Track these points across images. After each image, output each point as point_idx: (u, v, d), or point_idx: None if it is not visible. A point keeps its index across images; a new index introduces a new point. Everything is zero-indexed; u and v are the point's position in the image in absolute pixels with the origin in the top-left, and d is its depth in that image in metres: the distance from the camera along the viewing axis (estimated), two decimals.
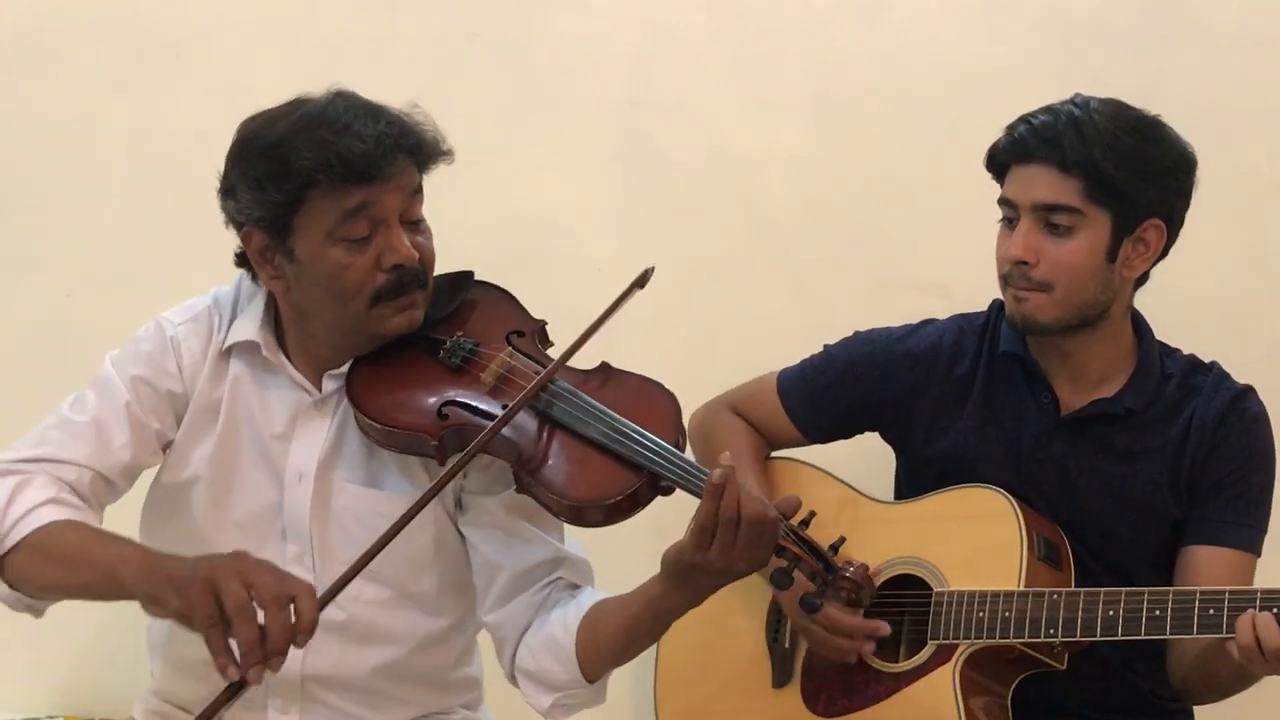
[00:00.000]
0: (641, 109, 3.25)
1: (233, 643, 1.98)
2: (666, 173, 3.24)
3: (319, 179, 2.20)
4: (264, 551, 2.28)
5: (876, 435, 2.79)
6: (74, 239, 3.12)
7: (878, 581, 2.58)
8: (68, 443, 2.32)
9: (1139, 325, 2.64)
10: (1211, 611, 2.32)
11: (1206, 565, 2.53)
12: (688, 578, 2.16)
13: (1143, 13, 3.20)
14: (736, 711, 2.69)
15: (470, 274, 2.44)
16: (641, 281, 2.30)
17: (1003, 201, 2.55)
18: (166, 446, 2.39)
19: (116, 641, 2.93)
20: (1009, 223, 2.54)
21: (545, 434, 2.24)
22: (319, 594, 2.04)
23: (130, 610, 2.61)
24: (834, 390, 2.74)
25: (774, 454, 2.82)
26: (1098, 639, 2.41)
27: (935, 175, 3.19)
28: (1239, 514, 2.55)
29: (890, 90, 3.24)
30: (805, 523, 2.19)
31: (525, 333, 2.36)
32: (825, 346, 2.79)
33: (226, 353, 2.38)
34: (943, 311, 2.82)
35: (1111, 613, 2.39)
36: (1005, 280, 2.55)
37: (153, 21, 3.19)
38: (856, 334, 2.77)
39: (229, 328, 2.39)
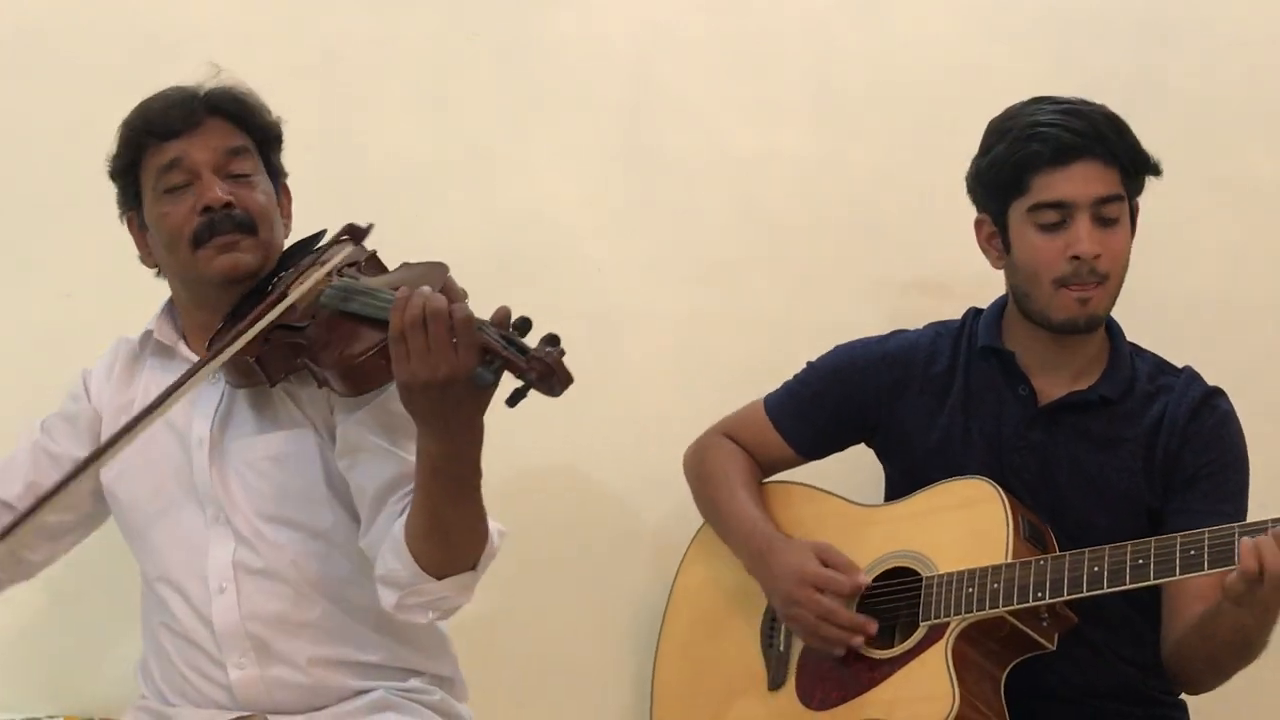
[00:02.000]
0: (642, 109, 3.24)
1: None
2: (666, 173, 3.24)
3: (138, 140, 2.48)
4: (188, 519, 2.46)
5: (865, 456, 2.81)
6: (74, 239, 3.11)
7: (870, 576, 2.60)
8: None
9: (1110, 324, 2.68)
10: (1192, 551, 2.35)
11: None
12: (412, 401, 2.13)
13: (1142, 13, 3.21)
14: (734, 717, 2.70)
15: (321, 232, 2.51)
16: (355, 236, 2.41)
17: (1047, 206, 2.57)
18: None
19: (116, 642, 2.92)
20: (1054, 226, 2.56)
21: (325, 325, 2.29)
22: None
23: (130, 610, 2.62)
24: (820, 398, 2.79)
25: (766, 481, 2.84)
26: (1085, 595, 2.43)
27: (935, 175, 3.18)
28: (1218, 502, 2.59)
29: (890, 90, 3.24)
30: (517, 328, 2.12)
31: (357, 263, 2.40)
32: (807, 363, 2.83)
33: (140, 356, 2.55)
34: (943, 312, 2.83)
35: (1096, 568, 2.42)
36: (1062, 283, 2.57)
37: (153, 21, 3.18)
38: (836, 347, 2.83)
39: (140, 340, 2.57)
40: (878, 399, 2.74)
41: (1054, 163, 2.55)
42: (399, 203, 3.03)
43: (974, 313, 2.76)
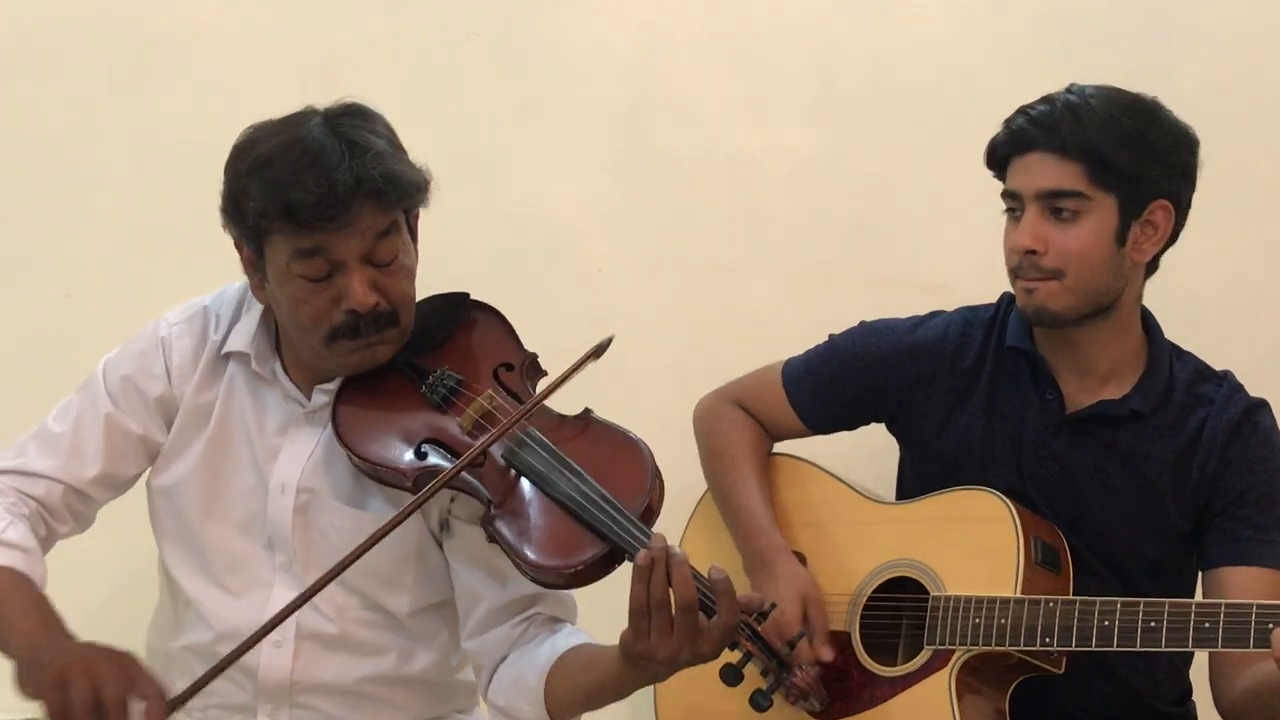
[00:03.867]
0: (641, 109, 3.24)
1: None
2: (666, 173, 3.24)
3: (267, 225, 2.21)
4: (254, 558, 2.35)
5: (879, 431, 2.79)
6: (74, 239, 3.12)
7: (875, 584, 2.58)
8: (41, 455, 2.37)
9: (1149, 324, 2.61)
10: (1207, 625, 2.28)
11: (1237, 587, 2.48)
12: (638, 664, 2.11)
13: (1143, 12, 3.20)
14: (736, 712, 2.69)
15: (464, 296, 2.41)
16: (598, 352, 2.21)
17: (1006, 195, 2.54)
18: (156, 451, 2.41)
19: (116, 642, 2.93)
20: (1014, 215, 2.53)
21: (512, 484, 2.20)
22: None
23: (130, 610, 2.62)
24: (839, 381, 2.73)
25: (777, 451, 2.81)
26: (1092, 648, 2.39)
27: (935, 175, 3.19)
28: (1263, 530, 2.51)
29: (890, 90, 3.23)
30: (764, 615, 2.11)
31: (514, 366, 2.32)
32: (830, 336, 2.77)
33: (225, 356, 2.39)
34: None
35: (1107, 623, 2.36)
36: (1015, 273, 2.53)
37: (153, 21, 3.18)
38: (862, 324, 2.76)
39: (229, 330, 2.40)
40: (899, 391, 2.68)
41: (1013, 150, 2.51)
42: None
43: (1008, 299, 2.65)
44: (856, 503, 2.70)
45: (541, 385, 2.27)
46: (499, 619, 2.31)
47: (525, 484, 2.19)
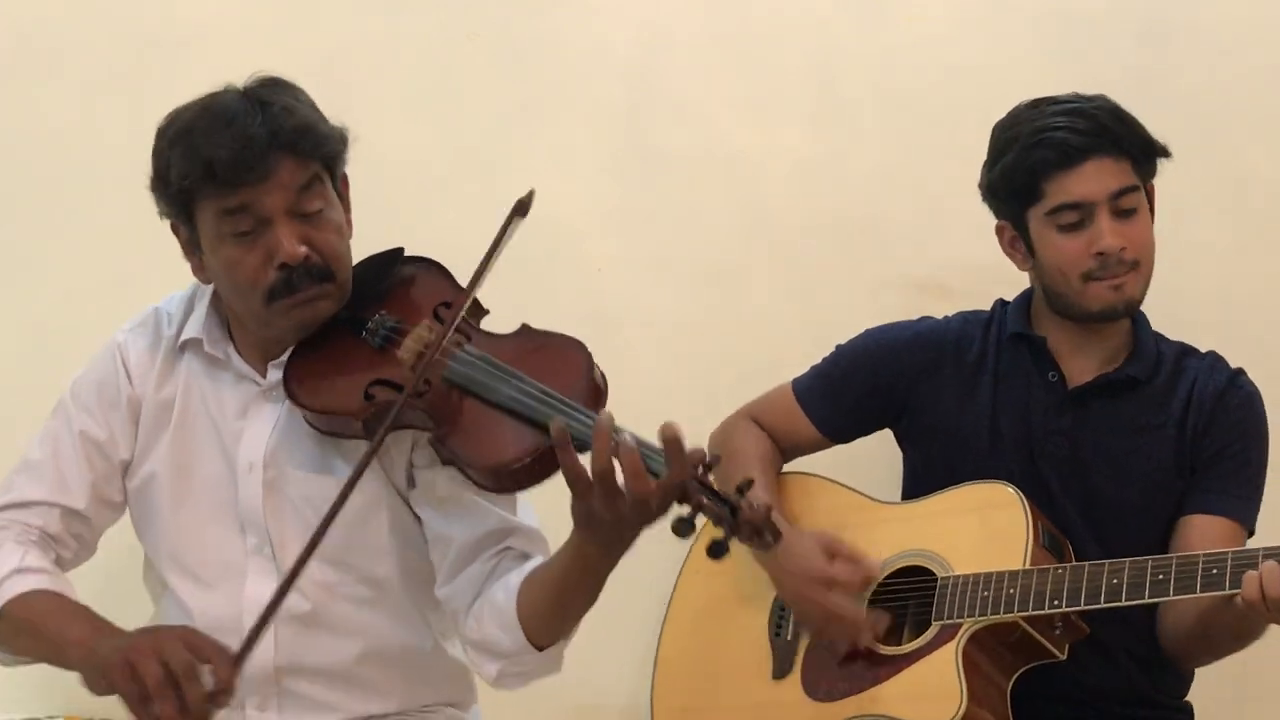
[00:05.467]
0: (641, 109, 3.24)
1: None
2: (666, 173, 3.24)
3: (191, 185, 2.26)
4: (226, 546, 2.37)
5: (881, 440, 2.80)
6: (74, 239, 3.12)
7: (884, 573, 2.60)
8: (29, 485, 2.40)
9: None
10: (1215, 571, 2.35)
11: (1197, 532, 2.58)
12: (591, 526, 2.09)
13: (1143, 12, 3.20)
14: (736, 705, 2.70)
15: (399, 250, 2.42)
16: (521, 209, 2.26)
17: (1065, 208, 2.58)
18: (129, 458, 2.43)
19: None
20: (1074, 226, 2.58)
21: (455, 403, 2.22)
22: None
23: (130, 610, 2.61)
24: (848, 380, 2.79)
25: (785, 470, 2.84)
26: (1101, 606, 2.43)
27: (935, 175, 3.19)
28: (1234, 485, 2.62)
29: (890, 90, 3.24)
30: (708, 467, 2.08)
31: (452, 304, 2.32)
32: (836, 346, 2.83)
33: (181, 350, 2.42)
34: (942, 312, 2.83)
35: (1115, 580, 2.42)
36: (1090, 276, 2.59)
37: (153, 21, 3.19)
38: (865, 330, 2.83)
39: (180, 325, 2.43)
40: (908, 379, 2.75)
41: (1065, 165, 2.57)
42: (399, 203, 3.02)
43: (1001, 304, 2.78)
44: (865, 506, 2.74)
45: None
46: (470, 556, 2.30)
47: (468, 400, 2.21)
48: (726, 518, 2.03)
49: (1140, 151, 2.60)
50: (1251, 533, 2.62)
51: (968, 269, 3.03)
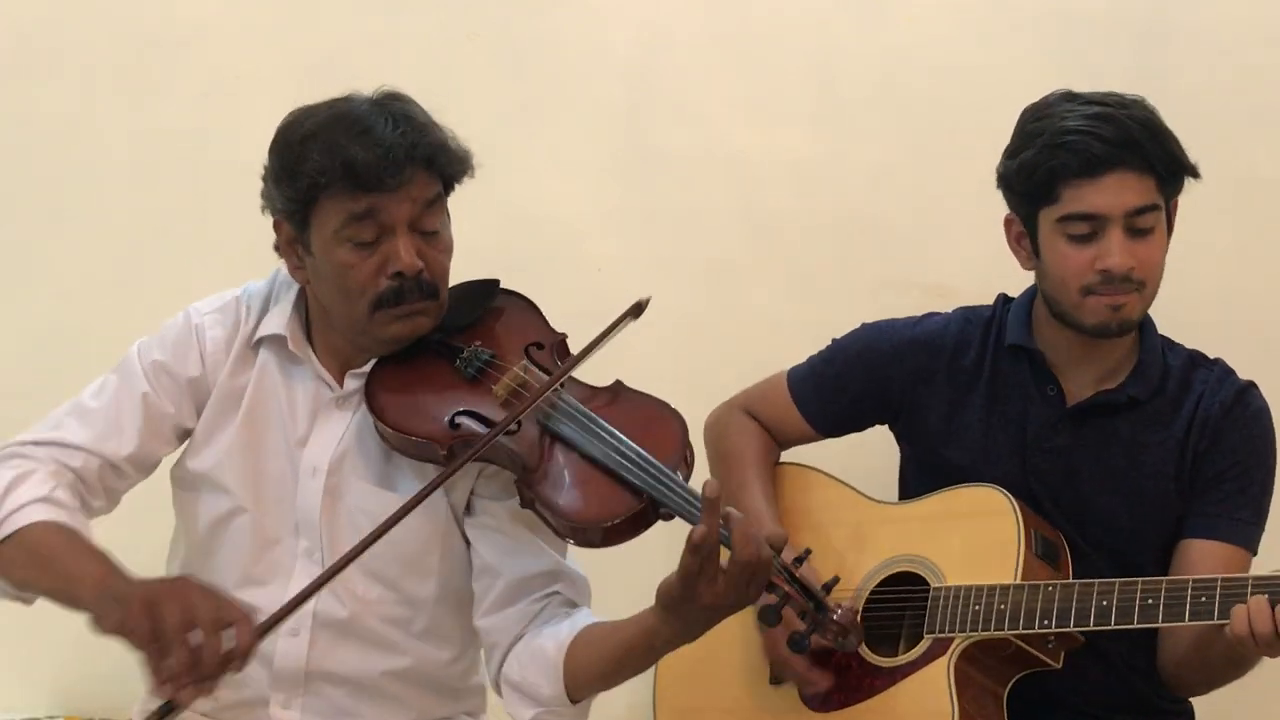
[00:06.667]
0: (641, 109, 3.25)
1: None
2: (666, 173, 3.24)
3: (325, 183, 2.25)
4: (279, 544, 2.36)
5: (879, 435, 2.79)
6: (74, 239, 3.12)
7: (878, 579, 2.59)
8: (78, 428, 2.37)
9: (1143, 320, 2.63)
10: (1204, 599, 2.32)
11: (1200, 559, 2.53)
12: (679, 611, 2.12)
13: (1143, 12, 3.20)
14: (734, 709, 2.70)
15: (495, 282, 2.45)
16: (636, 311, 2.29)
17: (1077, 217, 2.49)
18: (185, 435, 2.43)
19: (117, 641, 2.93)
20: (1084, 238, 2.49)
21: (548, 449, 2.23)
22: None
23: None
24: (843, 379, 2.75)
25: (782, 460, 2.82)
26: (1090, 629, 2.41)
27: (936, 175, 3.19)
28: (1236, 508, 2.55)
29: (890, 90, 3.23)
30: (800, 559, 2.15)
31: (544, 345, 2.36)
32: (833, 340, 2.79)
33: (256, 344, 2.42)
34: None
35: (1105, 602, 2.38)
36: (1090, 290, 2.50)
37: (153, 21, 3.19)
38: (863, 325, 2.78)
39: (259, 319, 2.43)
40: (901, 385, 2.70)
41: (1085, 174, 2.47)
42: None
43: (1003, 300, 2.70)
44: (859, 504, 2.72)
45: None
46: (517, 595, 2.31)
47: (560, 448, 2.23)
48: (813, 613, 2.11)
49: (1166, 169, 2.49)
50: (1253, 554, 2.57)
51: (968, 269, 3.03)
